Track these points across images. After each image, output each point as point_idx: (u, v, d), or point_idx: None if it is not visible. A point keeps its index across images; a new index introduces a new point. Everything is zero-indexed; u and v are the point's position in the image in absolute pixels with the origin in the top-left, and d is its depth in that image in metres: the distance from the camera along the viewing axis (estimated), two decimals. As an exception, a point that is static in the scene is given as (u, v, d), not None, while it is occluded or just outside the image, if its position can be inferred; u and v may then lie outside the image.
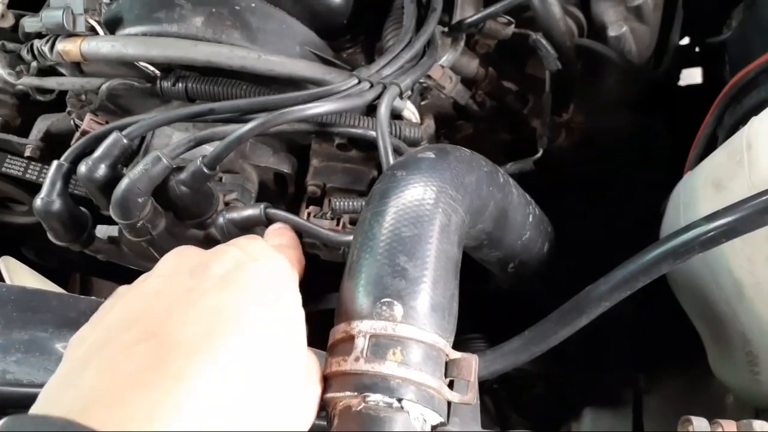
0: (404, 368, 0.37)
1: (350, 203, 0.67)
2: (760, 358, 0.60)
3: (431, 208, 0.44)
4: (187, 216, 0.62)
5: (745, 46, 0.81)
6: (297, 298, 0.39)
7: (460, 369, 0.39)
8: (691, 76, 1.25)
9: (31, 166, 0.80)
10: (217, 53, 0.62)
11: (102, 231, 0.68)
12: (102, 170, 0.58)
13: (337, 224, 0.67)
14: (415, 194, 0.44)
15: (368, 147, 0.70)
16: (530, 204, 0.61)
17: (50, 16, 0.65)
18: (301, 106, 0.57)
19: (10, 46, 0.78)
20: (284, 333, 0.36)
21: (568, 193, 0.83)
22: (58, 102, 0.81)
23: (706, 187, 0.60)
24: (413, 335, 0.38)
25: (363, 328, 0.38)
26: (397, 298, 0.39)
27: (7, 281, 0.66)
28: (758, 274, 0.56)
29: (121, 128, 0.60)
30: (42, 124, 0.80)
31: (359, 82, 0.61)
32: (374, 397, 0.36)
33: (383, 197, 0.45)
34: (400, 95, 0.62)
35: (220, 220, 0.59)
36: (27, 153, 0.79)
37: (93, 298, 0.54)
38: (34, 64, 0.71)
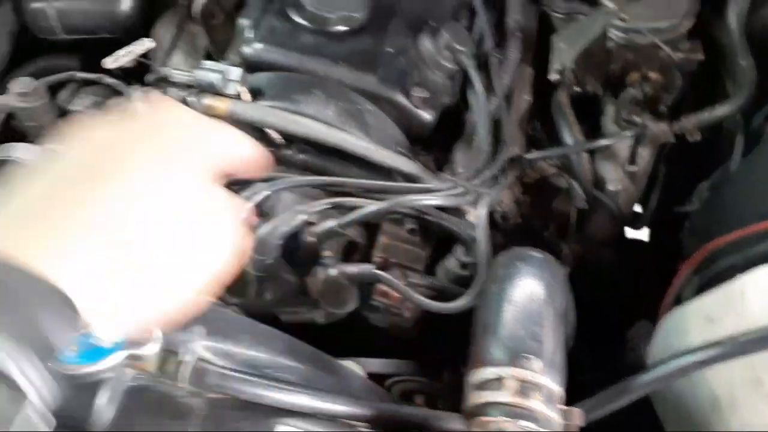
0: (544, 407, 0.50)
1: (416, 279, 0.80)
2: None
3: (549, 295, 0.58)
4: (293, 261, 0.73)
5: (709, 219, 1.04)
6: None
7: (572, 417, 0.52)
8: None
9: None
10: (346, 140, 0.76)
11: None
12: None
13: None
14: (536, 282, 0.59)
15: (427, 234, 0.85)
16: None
17: (205, 75, 0.77)
18: (420, 196, 0.71)
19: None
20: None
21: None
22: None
23: (698, 320, 0.78)
24: (548, 384, 0.51)
25: (512, 373, 0.51)
26: (535, 354, 0.52)
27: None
28: (734, 394, 0.73)
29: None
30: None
31: (455, 186, 0.76)
32: (524, 424, 0.49)
33: (510, 278, 0.59)
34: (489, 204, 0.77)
35: (332, 271, 0.70)
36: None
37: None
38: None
